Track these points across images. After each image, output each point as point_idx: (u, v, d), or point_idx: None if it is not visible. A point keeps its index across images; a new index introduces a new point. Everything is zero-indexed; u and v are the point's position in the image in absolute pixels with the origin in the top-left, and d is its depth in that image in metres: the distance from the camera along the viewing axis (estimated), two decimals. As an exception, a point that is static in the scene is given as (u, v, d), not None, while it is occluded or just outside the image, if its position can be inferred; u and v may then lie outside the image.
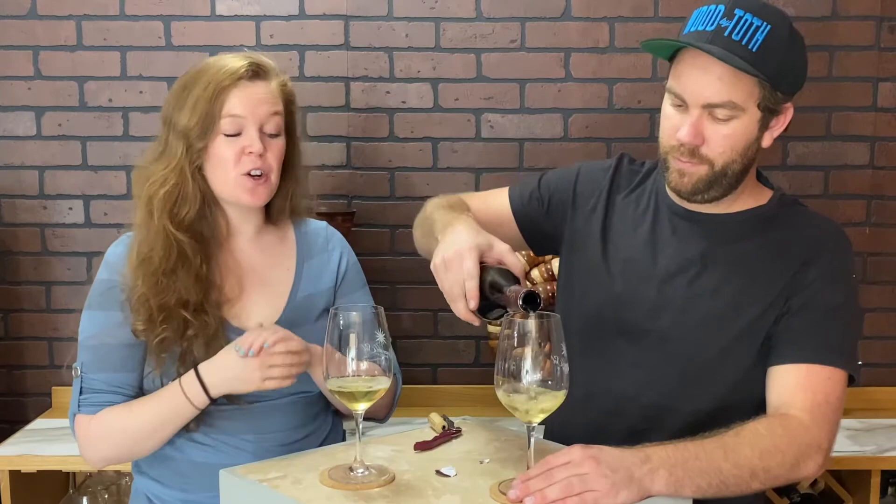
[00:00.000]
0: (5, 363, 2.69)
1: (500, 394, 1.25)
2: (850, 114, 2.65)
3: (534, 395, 1.23)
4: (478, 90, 2.64)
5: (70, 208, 2.65)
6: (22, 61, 2.60)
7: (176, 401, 1.60)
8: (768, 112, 1.50)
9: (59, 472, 2.46)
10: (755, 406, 1.53)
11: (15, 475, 2.28)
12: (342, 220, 2.49)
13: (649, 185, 1.69)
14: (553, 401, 1.25)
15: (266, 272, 1.75)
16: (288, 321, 1.68)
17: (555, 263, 2.55)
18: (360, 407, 1.34)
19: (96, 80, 2.61)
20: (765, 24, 1.44)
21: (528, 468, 1.28)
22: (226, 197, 1.68)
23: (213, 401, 1.60)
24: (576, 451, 1.27)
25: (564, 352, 1.24)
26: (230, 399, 1.64)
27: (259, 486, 1.31)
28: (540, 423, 1.28)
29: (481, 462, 1.40)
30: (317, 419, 1.76)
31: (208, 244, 1.69)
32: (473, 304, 1.35)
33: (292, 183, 1.75)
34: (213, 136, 1.63)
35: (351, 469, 1.34)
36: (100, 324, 1.66)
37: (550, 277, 2.55)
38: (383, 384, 1.33)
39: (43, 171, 2.64)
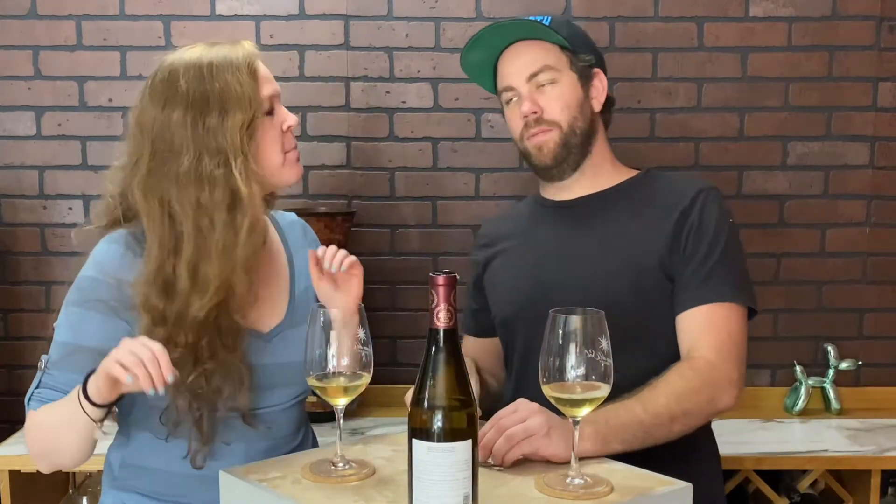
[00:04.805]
0: (5, 363, 2.69)
1: (546, 389, 1.28)
2: (850, 114, 2.65)
3: (578, 391, 1.27)
4: (478, 90, 2.58)
5: (70, 208, 2.65)
6: (22, 61, 2.60)
7: (74, 402, 1.43)
8: (582, 75, 1.74)
9: (59, 472, 2.46)
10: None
11: (15, 475, 2.28)
12: (342, 220, 2.49)
13: (520, 212, 1.90)
14: (598, 394, 1.27)
15: (266, 269, 1.63)
16: (294, 319, 1.61)
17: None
18: (341, 402, 1.36)
19: (96, 80, 2.61)
20: (543, 17, 1.74)
21: (571, 462, 1.31)
22: None
23: (103, 407, 1.41)
24: (522, 403, 1.43)
25: (607, 347, 1.27)
26: (237, 409, 1.53)
27: (259, 486, 1.31)
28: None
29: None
30: (302, 426, 1.68)
31: None
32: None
33: None
34: None
35: (332, 463, 1.35)
36: (76, 323, 1.52)
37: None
38: (364, 380, 1.35)
39: (43, 171, 2.64)
